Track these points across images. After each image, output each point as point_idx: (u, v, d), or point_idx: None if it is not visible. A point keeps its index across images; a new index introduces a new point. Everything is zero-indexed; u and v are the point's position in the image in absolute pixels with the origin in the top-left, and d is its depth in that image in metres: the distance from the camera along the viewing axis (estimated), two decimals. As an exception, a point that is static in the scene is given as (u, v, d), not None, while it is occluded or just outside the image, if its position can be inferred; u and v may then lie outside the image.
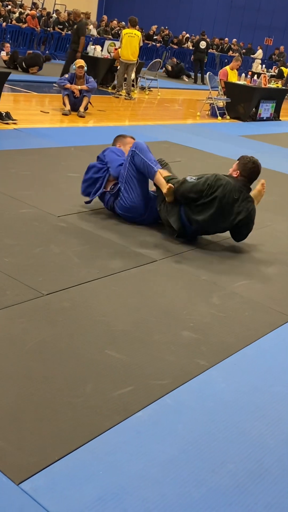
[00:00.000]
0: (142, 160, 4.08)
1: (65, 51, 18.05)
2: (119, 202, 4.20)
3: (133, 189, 4.15)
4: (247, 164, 3.99)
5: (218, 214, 3.85)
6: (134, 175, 4.14)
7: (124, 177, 4.17)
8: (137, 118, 10.16)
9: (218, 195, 3.81)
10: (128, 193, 4.15)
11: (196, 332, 2.82)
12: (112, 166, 4.26)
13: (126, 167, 4.16)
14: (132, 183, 4.15)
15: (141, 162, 4.09)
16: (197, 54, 17.59)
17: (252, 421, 2.25)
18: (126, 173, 4.16)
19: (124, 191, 4.16)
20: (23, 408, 2.09)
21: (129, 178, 4.15)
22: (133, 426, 2.10)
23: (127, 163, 4.16)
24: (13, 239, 3.61)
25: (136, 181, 4.15)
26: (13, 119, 7.42)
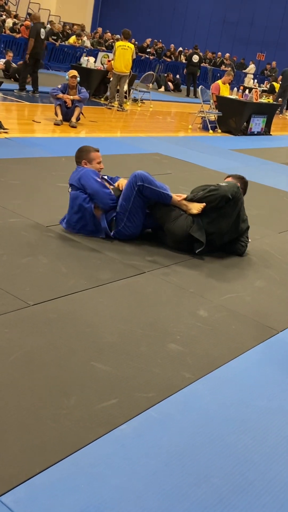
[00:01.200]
0: (154, 191, 3.96)
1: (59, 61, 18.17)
2: (120, 231, 4.05)
3: (138, 218, 4.04)
4: (243, 179, 4.40)
5: (236, 221, 4.13)
6: (140, 206, 4.01)
7: (127, 210, 3.99)
8: (129, 129, 10.20)
9: (239, 206, 4.10)
10: (132, 223, 4.04)
11: (183, 345, 2.82)
12: (98, 199, 3.98)
13: (131, 200, 3.97)
14: (137, 214, 4.03)
15: (153, 193, 3.96)
16: (190, 68, 17.75)
17: (237, 435, 2.25)
18: (131, 205, 3.98)
19: (128, 221, 4.02)
20: (6, 419, 2.07)
21: (134, 210, 4.00)
22: (117, 439, 2.09)
23: (132, 196, 3.96)
24: (1, 248, 3.59)
25: (141, 211, 4.04)
26: (5, 128, 7.43)
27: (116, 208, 4.05)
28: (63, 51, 18.29)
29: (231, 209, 4.04)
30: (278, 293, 3.71)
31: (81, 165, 4.18)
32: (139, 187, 3.94)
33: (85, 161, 4.17)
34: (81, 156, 4.21)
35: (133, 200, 3.98)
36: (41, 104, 11.01)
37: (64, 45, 18.43)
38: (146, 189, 3.94)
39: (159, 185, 4.01)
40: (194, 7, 29.02)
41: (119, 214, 4.03)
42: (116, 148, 7.75)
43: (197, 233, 3.99)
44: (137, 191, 3.95)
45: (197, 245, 4.03)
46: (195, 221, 4.02)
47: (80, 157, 4.21)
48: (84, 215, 4.00)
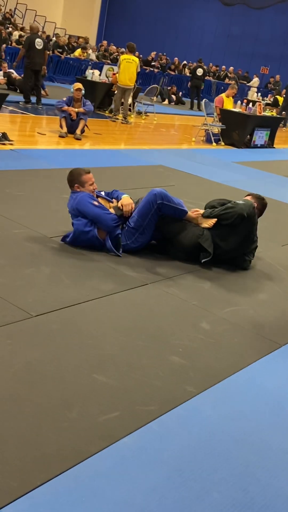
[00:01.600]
0: (172, 208, 4.03)
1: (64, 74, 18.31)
2: (129, 245, 4.07)
3: (149, 233, 4.08)
4: (262, 200, 4.46)
5: (246, 240, 4.19)
6: (155, 221, 4.05)
7: (142, 226, 4.01)
8: (133, 142, 10.25)
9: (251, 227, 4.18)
10: (144, 237, 4.08)
11: (185, 358, 2.81)
12: (100, 223, 3.98)
13: (148, 217, 3.99)
14: (150, 229, 4.06)
15: (171, 210, 4.03)
16: (194, 81, 17.86)
17: (239, 449, 2.24)
18: (147, 223, 4.01)
19: (140, 235, 4.05)
20: (7, 431, 2.06)
21: (148, 226, 4.03)
22: (118, 452, 2.08)
23: (150, 214, 3.98)
24: (4, 259, 3.60)
25: (153, 226, 4.08)
26: (10, 140, 7.47)
27: (120, 226, 4.07)
28: (68, 63, 18.43)
29: (243, 228, 4.12)
30: (281, 306, 3.70)
31: (74, 189, 4.14)
32: (158, 205, 3.98)
33: (77, 185, 4.12)
34: (73, 180, 4.15)
35: (149, 218, 4.02)
36: (46, 116, 11.08)
37: (69, 57, 18.58)
38: (165, 207, 4.00)
39: (176, 201, 4.09)
40: (199, 21, 29.26)
41: (131, 229, 4.04)
42: (120, 160, 7.79)
43: (206, 243, 4.05)
44: (156, 209, 3.99)
45: (204, 255, 4.06)
46: (205, 232, 4.09)
47: (72, 181, 4.16)
48: (88, 238, 4.00)
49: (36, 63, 11.28)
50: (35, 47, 11.11)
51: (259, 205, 4.35)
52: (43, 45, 11.33)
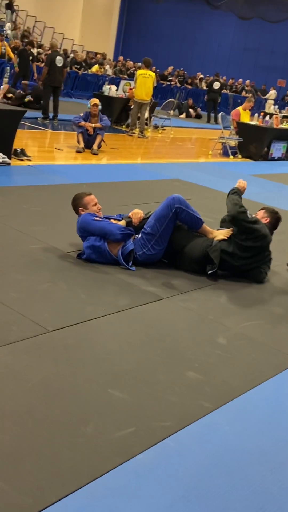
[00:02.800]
0: (189, 214, 4.07)
1: (82, 90, 18.53)
2: (145, 253, 4.07)
3: (164, 241, 4.08)
4: (275, 215, 4.43)
5: (259, 256, 4.20)
6: (170, 229, 4.07)
7: (159, 231, 4.03)
8: (150, 156, 10.30)
9: (263, 244, 4.15)
10: (159, 245, 4.07)
11: (201, 373, 2.80)
12: (106, 234, 3.98)
13: (165, 223, 4.01)
14: (165, 237, 4.08)
15: (188, 216, 4.08)
16: (210, 95, 17.93)
17: (256, 466, 2.21)
18: (164, 228, 4.02)
19: (155, 243, 4.05)
20: (22, 447, 2.07)
21: (164, 232, 4.05)
22: (133, 468, 2.07)
23: (167, 218, 4.01)
24: (22, 274, 3.64)
25: (168, 235, 4.10)
26: (28, 156, 7.56)
27: (132, 237, 4.09)
28: (86, 79, 18.66)
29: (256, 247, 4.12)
30: (299, 321, 3.67)
31: (79, 213, 4.21)
32: (176, 209, 4.03)
33: (81, 208, 4.20)
34: (76, 205, 4.24)
35: (167, 222, 4.04)
36: (63, 131, 11.21)
37: (87, 73, 18.81)
38: (183, 212, 4.06)
39: (194, 209, 4.15)
40: (215, 35, 29.45)
41: (147, 235, 4.05)
42: (136, 175, 7.83)
43: (213, 253, 4.05)
44: (173, 213, 4.03)
45: (210, 266, 4.05)
46: (214, 243, 4.10)
47: (76, 206, 4.24)
48: (101, 254, 4.01)
49: (56, 80, 11.48)
50: (56, 65, 11.31)
51: (272, 219, 4.35)
52: (63, 63, 11.54)
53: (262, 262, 4.22)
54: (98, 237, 4.01)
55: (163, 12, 29.60)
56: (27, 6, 25.74)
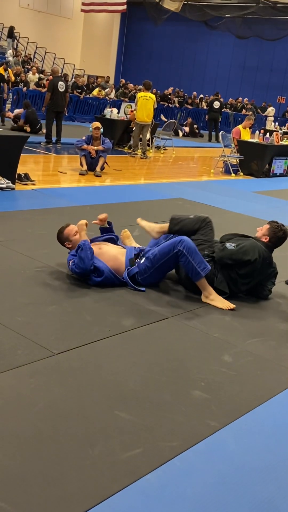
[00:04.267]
0: (189, 263, 3.90)
1: (84, 113, 18.78)
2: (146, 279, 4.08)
3: (163, 272, 4.13)
4: (278, 233, 4.20)
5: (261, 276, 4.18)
6: (170, 266, 4.08)
7: (157, 264, 4.01)
8: (153, 176, 10.39)
9: (256, 267, 4.06)
10: (158, 274, 4.10)
11: (207, 392, 2.81)
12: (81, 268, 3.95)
13: (165, 259, 3.97)
14: (164, 271, 4.11)
15: (188, 265, 3.91)
16: (211, 114, 18.13)
17: (264, 484, 2.21)
18: (163, 263, 3.99)
19: (155, 271, 4.05)
20: (30, 470, 2.08)
21: (163, 268, 4.06)
22: (141, 489, 2.07)
23: (168, 256, 3.95)
24: (27, 297, 3.67)
25: (168, 270, 4.14)
26: (32, 180, 7.65)
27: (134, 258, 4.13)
28: (87, 103, 18.91)
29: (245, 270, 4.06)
30: (304, 336, 3.67)
31: (67, 247, 4.26)
32: (178, 251, 3.90)
33: (66, 243, 4.24)
34: (61, 240, 4.28)
35: (167, 259, 4.00)
36: (67, 155, 11.34)
37: (88, 97, 19.07)
38: (184, 258, 3.90)
39: (198, 259, 3.92)
40: (214, 55, 29.83)
41: (148, 262, 4.05)
42: (140, 195, 7.90)
43: (221, 284, 4.09)
44: (174, 253, 3.93)
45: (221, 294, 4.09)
46: (218, 274, 4.08)
47: (62, 242, 4.28)
48: (108, 280, 4.02)
49: (59, 105, 11.66)
50: (58, 90, 11.50)
51: (272, 239, 4.18)
52: (65, 88, 11.72)
53: (265, 280, 4.23)
54: (95, 273, 4.00)
55: (162, 34, 30.04)
56: (28, 33, 26.24)
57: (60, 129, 11.98)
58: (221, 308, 3.95)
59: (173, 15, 22.96)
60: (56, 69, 12.56)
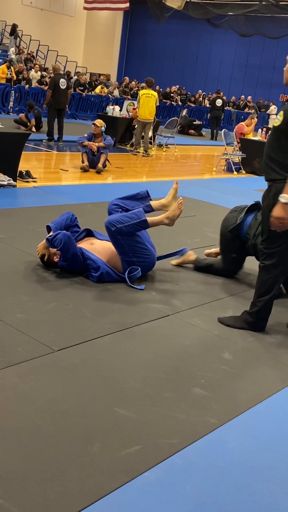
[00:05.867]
0: (129, 226, 3.93)
1: (86, 111, 18.77)
2: (139, 264, 4.09)
3: (141, 248, 4.08)
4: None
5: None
6: (134, 241, 4.03)
7: (127, 251, 4.01)
8: (154, 174, 10.38)
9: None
10: (141, 254, 4.08)
11: (207, 389, 2.80)
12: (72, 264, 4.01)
13: (123, 245, 3.99)
14: (138, 247, 4.06)
15: (130, 228, 3.93)
16: (213, 112, 18.11)
17: (263, 482, 2.20)
18: (127, 247, 4.00)
19: (134, 256, 4.05)
20: (29, 467, 2.07)
21: (131, 248, 4.02)
22: (140, 486, 2.07)
23: (120, 242, 3.98)
24: (28, 295, 3.66)
25: (138, 243, 4.07)
26: (33, 177, 7.64)
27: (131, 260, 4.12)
28: (89, 101, 18.90)
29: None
30: (305, 334, 3.66)
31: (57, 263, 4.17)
32: (115, 231, 3.93)
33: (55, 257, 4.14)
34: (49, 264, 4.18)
35: (123, 243, 4.00)
36: (69, 152, 11.33)
37: (90, 95, 19.05)
38: (123, 230, 3.94)
39: (129, 215, 3.99)
40: (217, 53, 29.75)
41: (125, 257, 4.06)
42: (141, 193, 7.88)
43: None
44: (118, 235, 3.95)
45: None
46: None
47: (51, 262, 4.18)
48: (109, 276, 4.02)
49: (60, 102, 11.64)
50: (60, 87, 11.48)
51: None
52: (66, 85, 11.70)
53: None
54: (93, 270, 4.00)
55: (164, 31, 29.98)
56: (31, 31, 26.21)
57: (61, 127, 11.96)
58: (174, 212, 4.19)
59: (175, 13, 22.91)
60: (58, 66, 12.55)
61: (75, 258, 3.98)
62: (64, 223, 4.28)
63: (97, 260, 4.00)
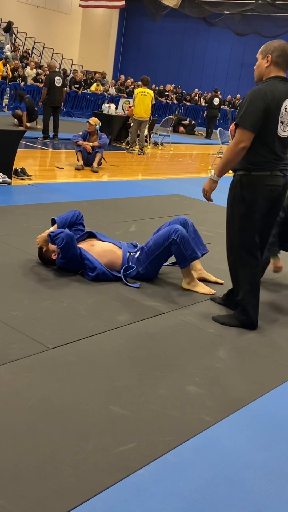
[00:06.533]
0: (181, 251, 3.97)
1: (82, 109, 18.74)
2: (140, 273, 4.11)
3: (158, 265, 4.14)
4: None
5: None
6: (164, 257, 4.10)
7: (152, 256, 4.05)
8: (150, 172, 10.38)
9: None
10: (153, 267, 4.12)
11: (201, 387, 2.80)
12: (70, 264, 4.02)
13: (160, 250, 4.01)
14: (159, 262, 4.12)
15: (178, 252, 3.98)
16: (210, 111, 18.09)
17: (257, 479, 2.21)
18: (157, 254, 4.04)
19: (149, 265, 4.08)
20: (24, 465, 2.07)
21: (158, 259, 4.08)
22: (134, 484, 2.07)
23: (162, 247, 4.00)
24: (22, 292, 3.66)
25: (165, 259, 4.14)
26: (28, 175, 7.63)
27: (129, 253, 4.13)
28: (85, 98, 18.87)
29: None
30: (299, 333, 3.67)
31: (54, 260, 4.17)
32: (172, 241, 3.97)
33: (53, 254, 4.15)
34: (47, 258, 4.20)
35: (161, 250, 4.03)
36: (64, 150, 11.31)
37: (86, 92, 19.02)
38: (175, 246, 3.97)
39: (190, 249, 4.01)
40: (213, 51, 29.75)
41: (144, 254, 4.08)
42: (137, 191, 7.89)
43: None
44: (168, 243, 3.99)
45: None
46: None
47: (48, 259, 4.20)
48: (104, 276, 4.03)
49: (56, 100, 11.62)
50: (55, 85, 11.46)
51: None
52: (62, 82, 11.68)
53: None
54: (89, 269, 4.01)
55: (160, 30, 29.95)
56: (26, 28, 26.13)
57: (57, 124, 11.94)
58: (203, 293, 4.03)
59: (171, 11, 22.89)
60: (53, 64, 12.53)
61: (74, 258, 3.99)
62: (69, 219, 4.29)
63: (94, 261, 4.01)
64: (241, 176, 3.42)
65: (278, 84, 3.31)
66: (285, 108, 3.30)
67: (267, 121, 3.28)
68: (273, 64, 3.34)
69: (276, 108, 3.27)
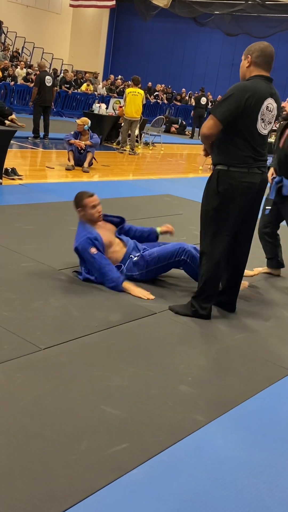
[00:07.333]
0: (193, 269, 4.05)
1: (72, 108, 18.70)
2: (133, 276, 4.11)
3: (157, 273, 4.19)
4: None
5: None
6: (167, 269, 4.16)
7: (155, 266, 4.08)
8: (141, 172, 10.37)
9: None
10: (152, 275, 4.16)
11: (194, 387, 2.80)
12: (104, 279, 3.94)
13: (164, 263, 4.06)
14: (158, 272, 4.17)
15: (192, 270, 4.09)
16: (197, 110, 18.13)
17: (250, 479, 2.21)
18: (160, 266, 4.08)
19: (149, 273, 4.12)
20: (16, 466, 2.06)
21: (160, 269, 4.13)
22: (127, 484, 2.07)
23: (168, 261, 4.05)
24: (14, 293, 3.64)
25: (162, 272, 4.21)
26: (19, 175, 7.60)
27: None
28: (75, 98, 18.83)
29: None
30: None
31: (78, 212, 4.16)
32: (181, 260, 4.05)
33: (80, 209, 4.12)
34: (76, 203, 4.15)
35: (166, 264, 4.08)
36: (55, 150, 11.27)
37: (76, 92, 18.98)
38: (187, 265, 4.08)
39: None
40: (203, 51, 29.79)
41: (145, 262, 4.06)
42: (128, 191, 7.88)
43: None
44: (177, 261, 4.06)
45: None
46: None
47: (76, 205, 4.15)
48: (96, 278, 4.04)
49: (46, 99, 11.60)
50: (45, 84, 11.44)
51: None
52: (52, 82, 11.65)
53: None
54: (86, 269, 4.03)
55: (151, 29, 29.95)
56: (16, 28, 26.02)
57: (47, 124, 11.91)
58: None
59: (162, 11, 22.89)
60: (43, 63, 12.49)
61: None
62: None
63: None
64: (219, 171, 3.44)
65: (260, 82, 3.44)
66: (266, 106, 3.40)
67: (244, 116, 3.36)
68: (252, 65, 3.52)
69: (255, 104, 3.35)
